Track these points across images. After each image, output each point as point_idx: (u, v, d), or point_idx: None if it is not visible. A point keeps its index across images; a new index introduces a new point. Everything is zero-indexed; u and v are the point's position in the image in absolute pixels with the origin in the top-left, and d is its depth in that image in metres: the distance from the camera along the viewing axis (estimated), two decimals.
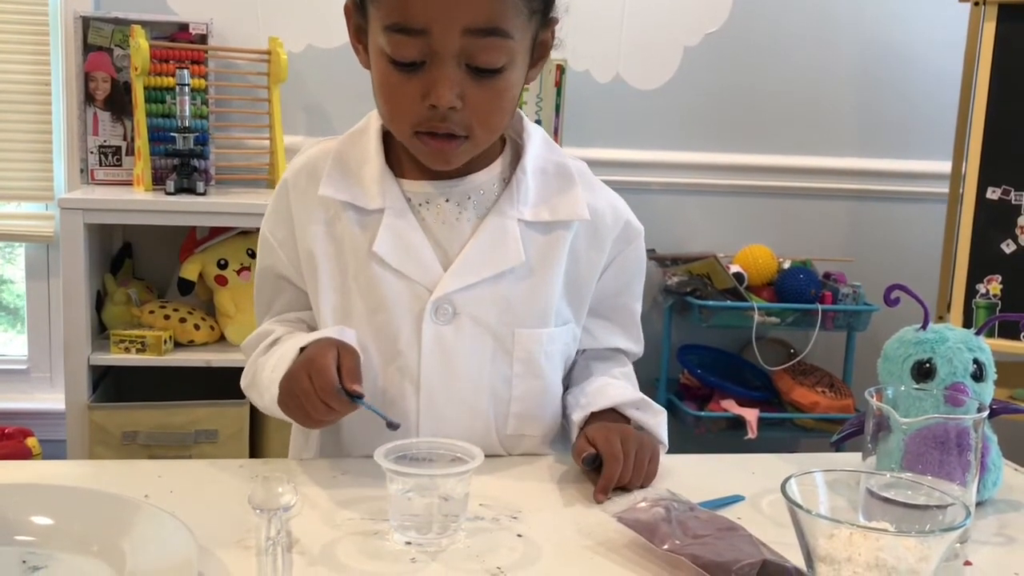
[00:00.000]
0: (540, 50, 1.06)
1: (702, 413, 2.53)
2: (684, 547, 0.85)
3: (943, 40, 2.70)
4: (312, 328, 1.16)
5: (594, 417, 1.11)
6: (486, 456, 0.91)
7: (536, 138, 1.14)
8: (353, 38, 1.07)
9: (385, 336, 1.09)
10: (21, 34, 2.48)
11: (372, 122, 1.13)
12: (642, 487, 1.03)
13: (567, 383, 1.20)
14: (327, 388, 0.97)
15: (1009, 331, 2.24)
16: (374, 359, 1.09)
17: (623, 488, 1.02)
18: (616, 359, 1.24)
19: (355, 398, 0.97)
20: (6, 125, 2.50)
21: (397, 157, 1.11)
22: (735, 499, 1.02)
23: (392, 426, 0.97)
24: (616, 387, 1.16)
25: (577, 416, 1.12)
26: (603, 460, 1.02)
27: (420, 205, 1.10)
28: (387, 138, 1.11)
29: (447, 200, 1.10)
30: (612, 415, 1.12)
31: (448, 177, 1.09)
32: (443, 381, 1.09)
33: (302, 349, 1.04)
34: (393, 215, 1.08)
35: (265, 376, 1.08)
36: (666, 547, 0.85)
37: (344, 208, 1.09)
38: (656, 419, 1.13)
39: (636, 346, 1.26)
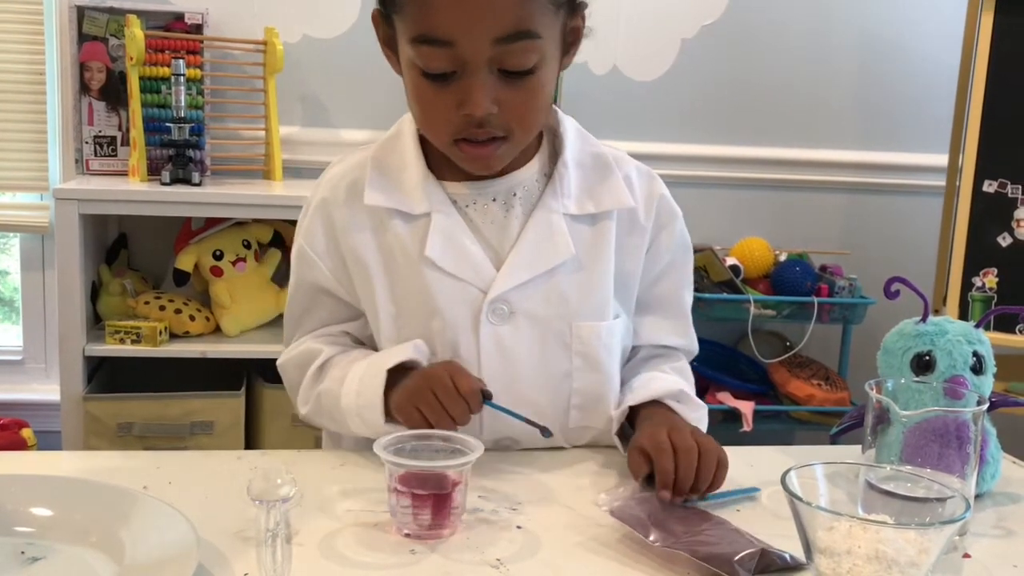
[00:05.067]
0: (572, 36, 1.05)
1: None
2: (679, 542, 0.85)
3: (940, 32, 2.70)
4: (359, 339, 1.15)
5: (636, 412, 1.09)
6: (546, 449, 0.90)
7: (571, 130, 1.14)
8: (383, 45, 1.06)
9: (443, 341, 1.08)
10: (16, 23, 2.47)
11: (406, 127, 1.12)
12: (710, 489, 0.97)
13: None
14: (470, 390, 0.99)
15: (1005, 324, 2.24)
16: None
17: (693, 490, 0.95)
18: (667, 356, 1.20)
19: (487, 401, 1.01)
20: (0, 115, 2.49)
21: (436, 160, 1.09)
22: (751, 491, 1.01)
23: (545, 432, 1.01)
24: (658, 380, 1.13)
25: (616, 412, 1.11)
26: (652, 456, 0.97)
27: (466, 206, 1.09)
28: (424, 141, 1.10)
29: (493, 199, 1.09)
30: (656, 408, 1.09)
31: (489, 177, 1.08)
32: (504, 381, 1.07)
33: (391, 370, 1.03)
34: (441, 218, 1.07)
35: (349, 402, 1.06)
36: (653, 539, 0.85)
37: (391, 216, 1.08)
38: (696, 413, 1.11)
39: (684, 340, 1.21)
